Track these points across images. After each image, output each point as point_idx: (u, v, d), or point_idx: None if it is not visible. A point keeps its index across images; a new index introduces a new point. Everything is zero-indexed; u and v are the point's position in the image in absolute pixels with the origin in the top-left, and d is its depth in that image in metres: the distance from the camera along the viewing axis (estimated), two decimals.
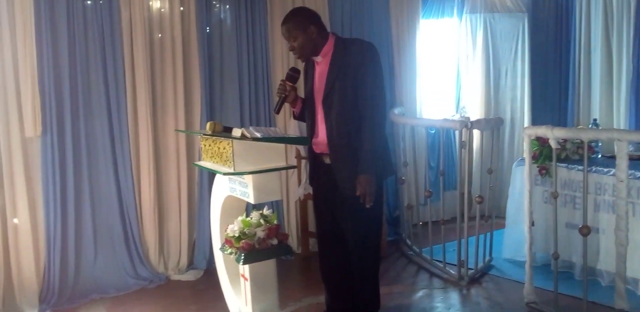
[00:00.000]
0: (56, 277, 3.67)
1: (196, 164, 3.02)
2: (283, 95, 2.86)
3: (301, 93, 3.04)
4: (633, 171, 3.29)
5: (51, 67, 3.63)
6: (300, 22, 2.76)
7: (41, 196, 3.65)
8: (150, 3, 3.98)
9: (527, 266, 3.38)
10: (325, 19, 4.60)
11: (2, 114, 3.47)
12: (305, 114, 2.98)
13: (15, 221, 3.56)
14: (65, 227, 3.72)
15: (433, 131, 5.10)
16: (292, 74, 2.86)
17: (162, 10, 4.02)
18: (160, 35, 4.03)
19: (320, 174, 2.96)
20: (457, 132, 3.95)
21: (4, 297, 3.51)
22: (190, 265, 4.21)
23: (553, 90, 5.51)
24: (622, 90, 4.89)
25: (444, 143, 4.61)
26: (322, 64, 2.85)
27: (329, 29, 4.51)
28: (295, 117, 3.12)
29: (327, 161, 2.86)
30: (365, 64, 2.72)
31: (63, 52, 3.68)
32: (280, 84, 2.86)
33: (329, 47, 2.82)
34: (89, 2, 3.76)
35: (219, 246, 2.91)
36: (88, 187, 3.83)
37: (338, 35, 2.91)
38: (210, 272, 3.94)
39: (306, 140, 2.91)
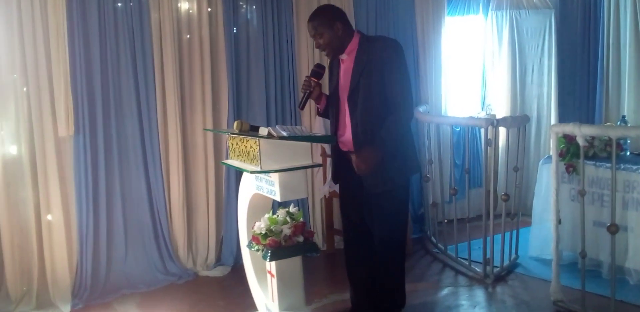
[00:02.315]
0: (88, 272, 3.76)
1: (224, 163, 3.06)
2: (308, 91, 2.88)
3: (325, 90, 3.07)
4: None
5: (83, 68, 3.71)
6: (326, 19, 2.79)
7: (74, 193, 3.74)
8: (179, 4, 4.05)
9: (553, 264, 3.36)
10: (351, 17, 4.60)
11: (36, 115, 3.57)
12: (329, 111, 3.00)
13: (49, 217, 3.66)
14: (97, 224, 3.81)
15: (458, 129, 5.08)
16: (317, 70, 2.89)
17: (191, 11, 4.09)
18: (188, 36, 4.10)
19: (347, 172, 2.97)
20: (482, 130, 3.93)
21: (38, 292, 3.62)
22: (218, 261, 4.28)
23: (581, 87, 5.43)
24: None
25: (469, 141, 4.60)
26: (347, 62, 2.87)
27: (354, 27, 4.59)
28: (319, 114, 3.15)
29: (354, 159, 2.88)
30: (390, 61, 2.73)
31: (95, 53, 3.76)
32: (305, 80, 2.89)
33: (353, 45, 2.84)
34: (119, 4, 3.84)
35: (246, 243, 2.96)
36: (119, 185, 3.91)
37: (363, 33, 2.92)
38: (238, 268, 4.00)
39: (332, 138, 2.93)
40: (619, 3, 5.00)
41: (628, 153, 3.94)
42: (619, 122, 4.23)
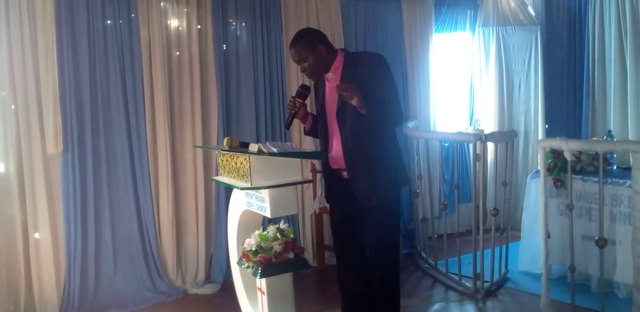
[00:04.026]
0: (76, 291, 3.72)
1: (214, 179, 3.05)
2: (293, 112, 2.90)
3: (312, 110, 3.09)
4: None
5: (72, 85, 3.71)
6: (308, 43, 2.80)
7: (62, 211, 3.72)
8: (169, 22, 4.08)
9: (543, 279, 3.36)
10: (339, 34, 4.68)
11: (24, 132, 3.56)
12: (317, 129, 3.01)
13: (37, 235, 3.63)
14: (85, 241, 3.78)
15: (447, 144, 5.12)
16: (302, 91, 2.89)
17: (180, 28, 4.12)
18: (178, 53, 4.12)
19: (338, 189, 2.98)
20: (471, 145, 3.96)
21: (24, 311, 3.57)
22: (208, 279, 4.24)
23: (567, 102, 5.50)
24: (637, 101, 4.87)
25: (458, 156, 4.63)
26: (332, 80, 2.88)
27: (342, 44, 4.65)
28: (306, 133, 3.16)
29: (345, 175, 2.88)
30: (376, 76, 2.75)
31: (84, 70, 3.77)
32: (290, 101, 2.90)
33: (338, 63, 2.85)
34: (109, 21, 3.86)
35: (236, 259, 2.94)
36: (108, 203, 3.89)
37: (347, 50, 2.95)
38: (227, 286, 3.97)
39: (322, 155, 2.93)
40: (603, 19, 5.09)
41: (615, 167, 3.98)
42: (605, 137, 4.28)
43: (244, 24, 4.39)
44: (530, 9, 5.53)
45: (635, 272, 2.95)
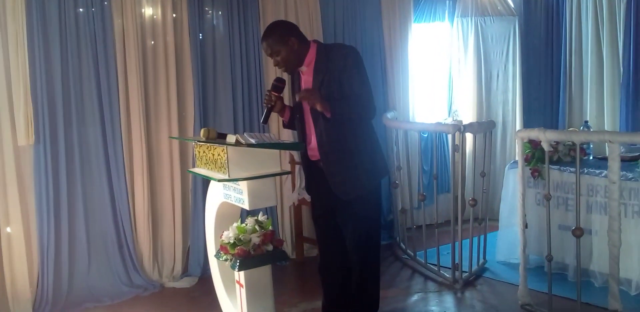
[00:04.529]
0: (50, 286, 3.65)
1: (190, 171, 3.02)
2: (269, 106, 2.86)
3: (288, 102, 3.06)
4: (624, 172, 3.32)
5: (44, 75, 3.62)
6: (279, 36, 2.77)
7: (34, 205, 3.64)
8: (143, 10, 3.99)
9: (521, 268, 3.40)
10: (318, 24, 4.63)
11: None
12: (295, 123, 2.99)
13: (8, 230, 3.55)
14: (58, 235, 3.71)
15: (426, 135, 5.12)
16: (277, 84, 2.86)
17: (155, 17, 4.03)
18: (152, 42, 4.03)
19: (318, 181, 2.96)
20: (449, 136, 3.96)
21: None
22: (185, 272, 4.19)
23: (544, 92, 5.54)
24: (613, 92, 4.92)
25: (436, 147, 4.63)
26: (307, 73, 2.86)
27: (321, 34, 4.60)
28: (284, 126, 3.13)
29: (323, 167, 2.87)
30: (348, 68, 2.74)
31: (55, 60, 3.68)
32: (266, 95, 2.86)
33: (311, 56, 2.83)
34: (81, 9, 3.76)
35: (214, 252, 2.91)
36: (81, 195, 3.82)
37: (320, 42, 2.92)
38: (205, 279, 3.93)
39: (300, 146, 2.92)
40: (580, 11, 5.13)
41: (591, 157, 4.02)
42: (582, 127, 4.32)
43: (220, 13, 4.32)
44: (509, 0, 5.53)
45: (611, 262, 2.99)
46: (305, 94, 2.65)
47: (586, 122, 4.51)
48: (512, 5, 5.51)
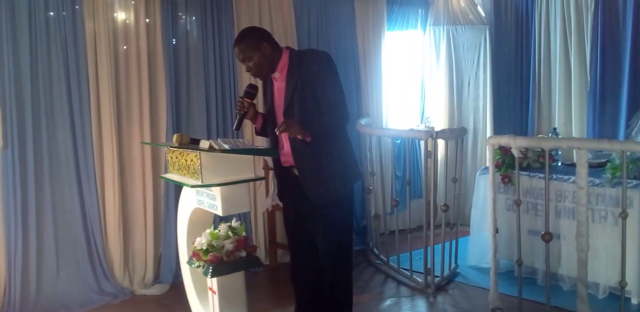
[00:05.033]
0: (17, 294, 3.58)
1: (163, 177, 2.98)
2: (242, 112, 2.85)
3: (260, 109, 3.05)
4: (592, 178, 3.39)
5: (12, 79, 3.56)
6: (252, 41, 2.76)
7: (1, 211, 3.56)
8: (115, 14, 3.95)
9: (491, 273, 3.44)
10: (292, 30, 4.64)
11: None
12: (267, 129, 2.98)
13: None
14: (26, 242, 3.64)
15: (399, 141, 5.16)
16: (250, 91, 2.85)
17: (127, 21, 3.99)
18: (125, 47, 4.00)
19: (290, 187, 2.95)
20: (422, 142, 4.00)
21: None
22: (156, 279, 4.14)
23: (514, 100, 5.64)
24: (581, 100, 5.03)
25: (409, 153, 4.68)
26: (279, 79, 2.86)
27: (295, 40, 4.62)
28: (257, 133, 3.12)
29: (297, 172, 2.87)
30: (320, 73, 2.74)
31: (25, 63, 3.62)
32: (239, 101, 2.85)
33: (284, 62, 2.83)
34: (51, 13, 3.71)
35: (186, 259, 2.88)
36: (50, 202, 3.75)
37: (292, 48, 2.93)
38: (177, 286, 3.89)
39: (274, 151, 2.91)
40: (549, 20, 5.23)
41: (560, 164, 4.11)
42: (550, 134, 4.41)
43: (194, 18, 4.30)
44: (480, 9, 5.63)
45: (579, 266, 3.05)
46: (285, 126, 2.62)
47: (555, 129, 4.61)
48: (483, 14, 5.61)
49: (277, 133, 2.65)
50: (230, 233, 2.70)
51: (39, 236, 3.70)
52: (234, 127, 2.93)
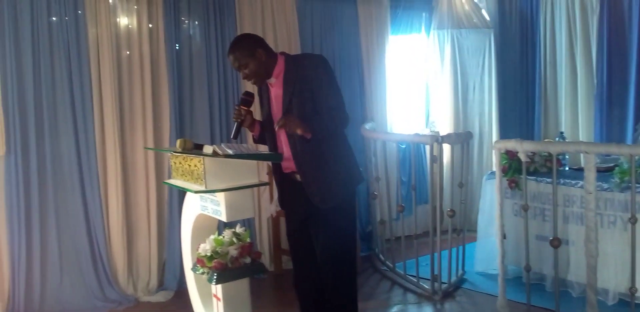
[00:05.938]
0: (21, 300, 3.56)
1: (166, 183, 2.96)
2: (239, 120, 2.83)
3: (258, 116, 3.03)
4: (600, 183, 3.35)
5: (15, 84, 3.55)
6: (246, 48, 2.74)
7: (4, 217, 3.56)
8: (118, 20, 3.94)
9: (499, 279, 3.39)
10: (295, 34, 4.63)
11: None
12: (266, 136, 2.96)
13: None
14: (30, 249, 3.62)
15: (404, 146, 5.13)
16: (246, 98, 2.83)
17: (130, 26, 3.98)
18: (128, 52, 3.99)
19: (292, 194, 2.92)
20: (427, 147, 3.97)
21: None
22: (161, 286, 4.11)
23: (520, 104, 5.61)
24: (587, 104, 5.00)
25: (414, 157, 4.64)
26: (276, 85, 2.84)
27: (298, 45, 4.60)
28: (255, 141, 3.10)
29: (299, 178, 2.84)
30: (318, 77, 2.72)
31: (27, 69, 3.61)
32: (235, 109, 2.83)
33: (280, 67, 2.80)
34: (54, 18, 3.70)
35: (191, 265, 2.86)
36: (54, 208, 3.74)
37: (287, 53, 2.91)
38: (181, 293, 3.86)
39: (279, 156, 2.88)
40: (554, 24, 5.21)
41: (567, 168, 4.06)
42: (557, 138, 4.37)
43: (197, 22, 4.29)
44: (484, 12, 5.61)
45: (588, 272, 3.00)
46: (283, 121, 2.60)
47: (562, 133, 4.57)
48: (487, 17, 5.59)
49: (276, 128, 2.62)
50: (234, 239, 2.67)
51: (42, 242, 3.69)
52: (231, 136, 2.91)
